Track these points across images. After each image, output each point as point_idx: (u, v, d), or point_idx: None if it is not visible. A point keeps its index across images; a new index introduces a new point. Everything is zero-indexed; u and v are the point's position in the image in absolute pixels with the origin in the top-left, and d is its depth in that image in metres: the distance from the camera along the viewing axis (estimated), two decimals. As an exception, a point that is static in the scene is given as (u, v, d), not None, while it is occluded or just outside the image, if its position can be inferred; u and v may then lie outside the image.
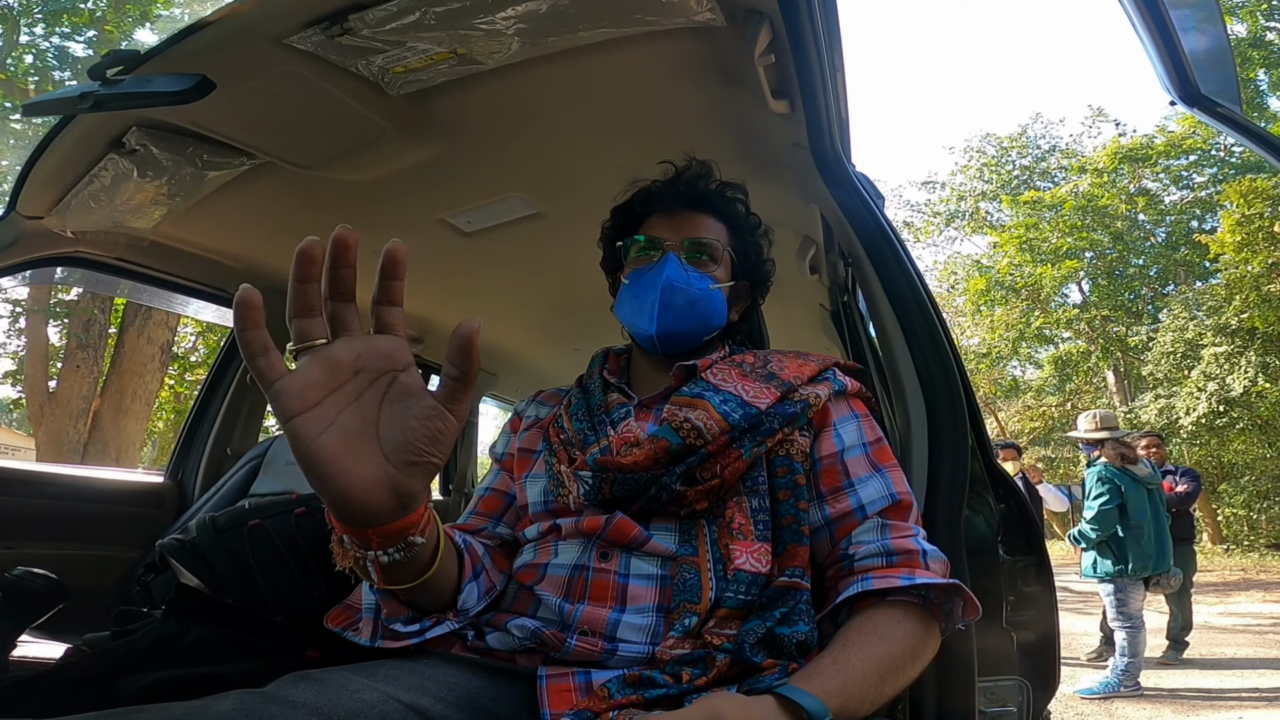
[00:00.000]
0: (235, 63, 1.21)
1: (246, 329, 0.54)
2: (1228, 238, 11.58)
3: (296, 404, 0.56)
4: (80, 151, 1.46)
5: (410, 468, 0.59)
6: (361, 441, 0.58)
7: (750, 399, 0.91)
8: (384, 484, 0.59)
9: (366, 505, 0.59)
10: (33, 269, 1.74)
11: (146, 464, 11.28)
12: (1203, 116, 0.98)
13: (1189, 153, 15.51)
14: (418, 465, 0.59)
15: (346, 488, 0.58)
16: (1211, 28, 1.02)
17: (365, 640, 0.82)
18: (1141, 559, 4.06)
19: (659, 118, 1.52)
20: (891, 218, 1.23)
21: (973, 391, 1.05)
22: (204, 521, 1.12)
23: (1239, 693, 4.08)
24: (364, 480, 0.58)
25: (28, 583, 1.10)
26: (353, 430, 0.58)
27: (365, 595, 0.85)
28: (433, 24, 1.11)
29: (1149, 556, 4.07)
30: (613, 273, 1.16)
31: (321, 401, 0.57)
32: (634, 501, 0.86)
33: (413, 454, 0.59)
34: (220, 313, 2.32)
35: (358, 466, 0.58)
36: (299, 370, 0.57)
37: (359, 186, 1.69)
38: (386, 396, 0.59)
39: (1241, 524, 12.85)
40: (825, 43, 1.16)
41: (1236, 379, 11.24)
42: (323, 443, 0.57)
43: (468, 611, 0.84)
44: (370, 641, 0.82)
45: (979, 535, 0.97)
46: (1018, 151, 18.76)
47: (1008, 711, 0.94)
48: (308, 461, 0.57)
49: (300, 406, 0.56)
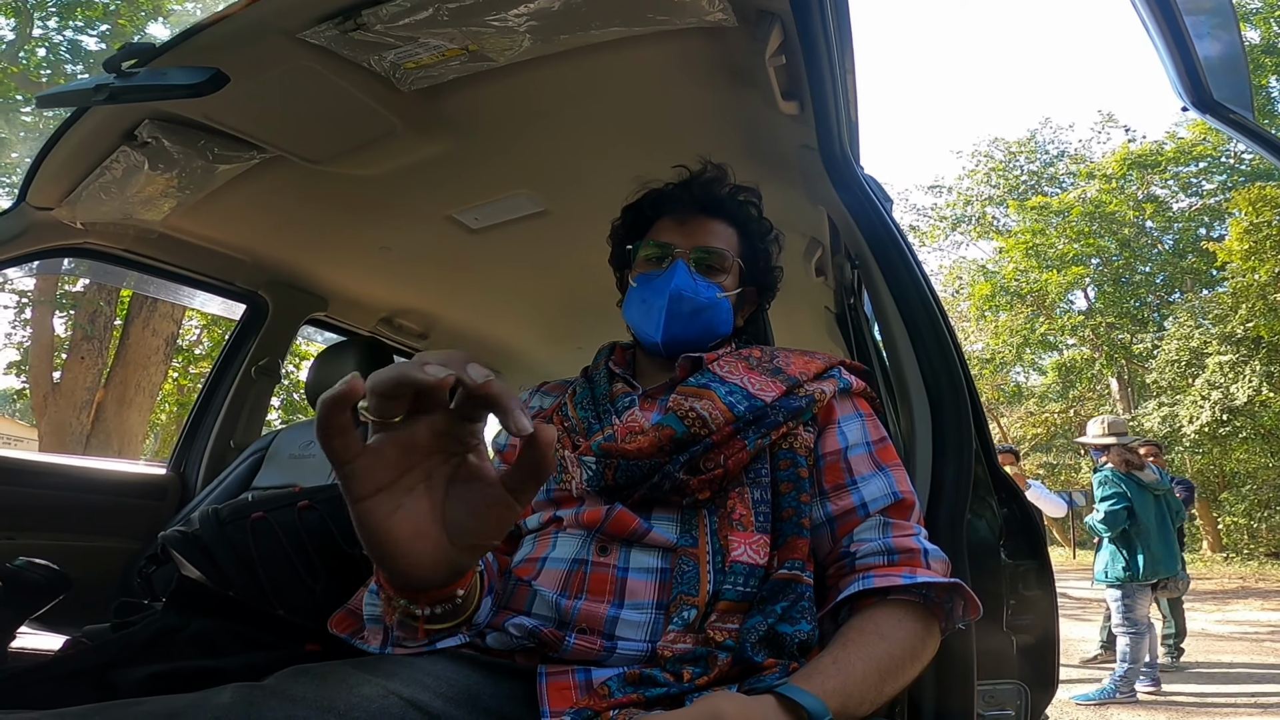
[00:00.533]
0: (248, 57, 1.21)
1: (335, 414, 0.50)
2: (1235, 245, 11.54)
3: (369, 487, 0.54)
4: (92, 143, 1.46)
5: (473, 550, 0.59)
6: (429, 525, 0.56)
7: (756, 391, 0.92)
8: (445, 564, 0.58)
9: (425, 581, 0.59)
10: (42, 259, 1.75)
11: (149, 456, 11.32)
12: (1214, 122, 0.97)
13: (1199, 159, 15.47)
14: (480, 549, 0.60)
15: (409, 569, 0.57)
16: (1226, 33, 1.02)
17: (375, 648, 0.81)
18: (1151, 564, 4.08)
19: (668, 117, 1.52)
20: (898, 221, 1.23)
21: (977, 395, 1.05)
22: (207, 514, 1.13)
23: (1235, 698, 4.08)
24: (426, 560, 0.57)
25: (29, 573, 1.10)
26: (421, 514, 0.56)
27: (368, 606, 0.83)
28: (445, 20, 1.12)
29: (1158, 561, 4.10)
30: (619, 269, 1.16)
31: (393, 484, 0.55)
32: (636, 489, 0.87)
33: (477, 539, 0.58)
34: (226, 305, 2.33)
35: (421, 549, 0.56)
36: (374, 450, 0.54)
37: (368, 182, 1.69)
38: (454, 477, 0.57)
39: (1242, 532, 12.82)
40: (836, 44, 1.16)
41: (1241, 388, 11.21)
42: (389, 526, 0.55)
43: (479, 625, 0.83)
44: (380, 649, 0.81)
45: (981, 538, 0.97)
46: (1026, 156, 18.73)
47: (1006, 715, 0.93)
48: (374, 543, 0.56)
49: (372, 489, 0.54)
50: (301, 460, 1.99)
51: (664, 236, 1.07)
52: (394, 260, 2.23)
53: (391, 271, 2.34)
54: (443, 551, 0.57)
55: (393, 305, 2.64)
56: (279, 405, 10.34)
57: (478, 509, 0.56)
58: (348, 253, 2.19)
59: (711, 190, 1.08)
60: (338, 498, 1.14)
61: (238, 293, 2.23)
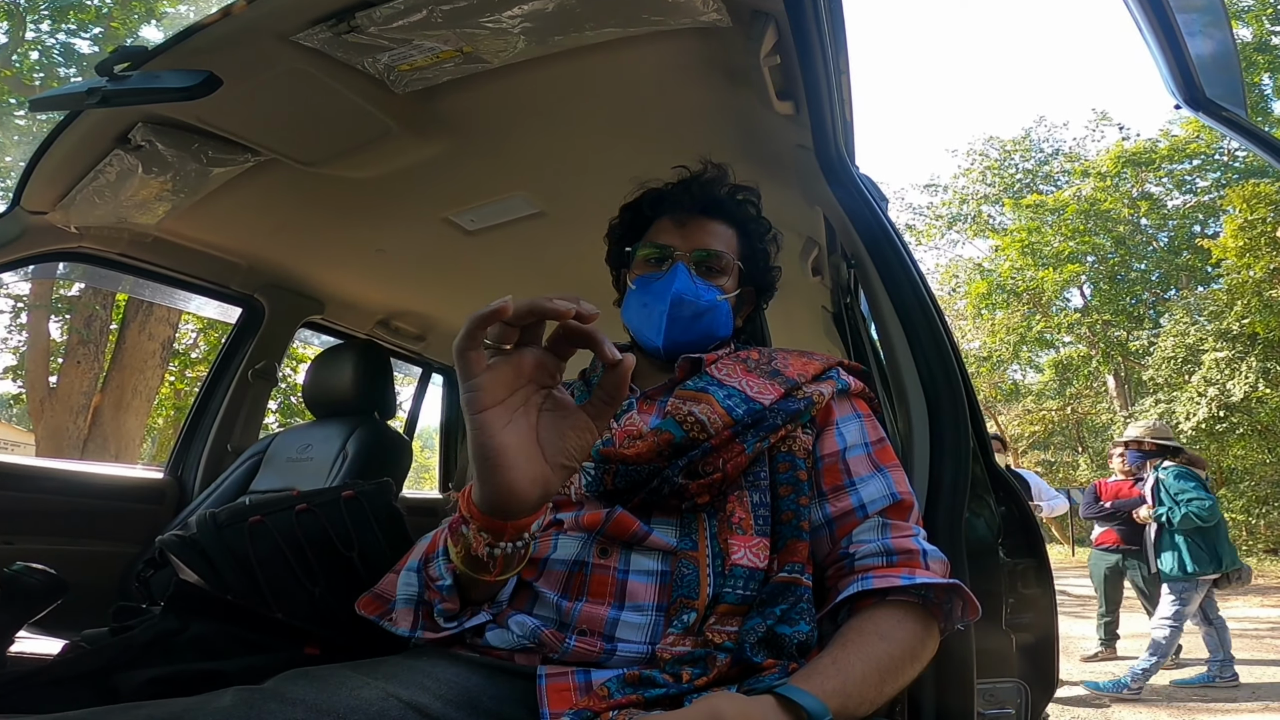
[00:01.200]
0: (242, 59, 1.21)
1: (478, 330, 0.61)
2: (1230, 243, 11.57)
3: (490, 400, 0.62)
4: (86, 147, 1.46)
5: (562, 470, 0.66)
6: (529, 442, 0.64)
7: (754, 394, 0.92)
8: (540, 481, 0.65)
9: (524, 499, 0.65)
10: (36, 264, 1.74)
11: (146, 460, 11.29)
12: (1207, 120, 0.98)
13: (1192, 157, 15.49)
14: (568, 469, 0.66)
15: (514, 481, 0.64)
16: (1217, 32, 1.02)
17: (405, 631, 0.83)
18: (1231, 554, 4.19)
19: (663, 118, 1.52)
20: (894, 220, 1.23)
21: (974, 394, 1.05)
22: (205, 517, 1.12)
23: (1235, 696, 4.09)
24: (527, 476, 0.64)
25: (26, 578, 1.09)
26: (524, 431, 0.64)
27: (403, 586, 0.86)
28: (439, 22, 1.12)
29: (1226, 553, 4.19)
30: (616, 268, 1.15)
31: (504, 402, 0.63)
32: (635, 494, 0.87)
33: (566, 459, 0.66)
34: (222, 309, 2.32)
35: (526, 464, 0.64)
36: (494, 370, 0.63)
37: (363, 184, 1.69)
38: (544, 406, 0.66)
39: (1240, 529, 12.82)
40: (831, 44, 1.16)
41: (1237, 384, 11.22)
42: (503, 438, 0.63)
43: (502, 602, 0.84)
44: (410, 632, 0.82)
45: (979, 537, 0.97)
46: (1021, 155, 18.74)
47: (1006, 713, 0.93)
48: (488, 452, 0.63)
49: (491, 402, 0.62)
50: (299, 463, 1.99)
51: (663, 238, 1.06)
52: (390, 263, 2.23)
53: (388, 274, 2.33)
54: (539, 467, 0.65)
55: (389, 308, 2.63)
56: (276, 408, 10.32)
57: (564, 432, 0.65)
58: (344, 255, 2.18)
59: (711, 191, 1.08)
60: (335, 501, 1.14)
61: (234, 296, 2.23)
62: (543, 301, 0.61)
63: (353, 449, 1.92)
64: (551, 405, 0.66)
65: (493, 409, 0.62)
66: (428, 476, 9.10)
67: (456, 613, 0.81)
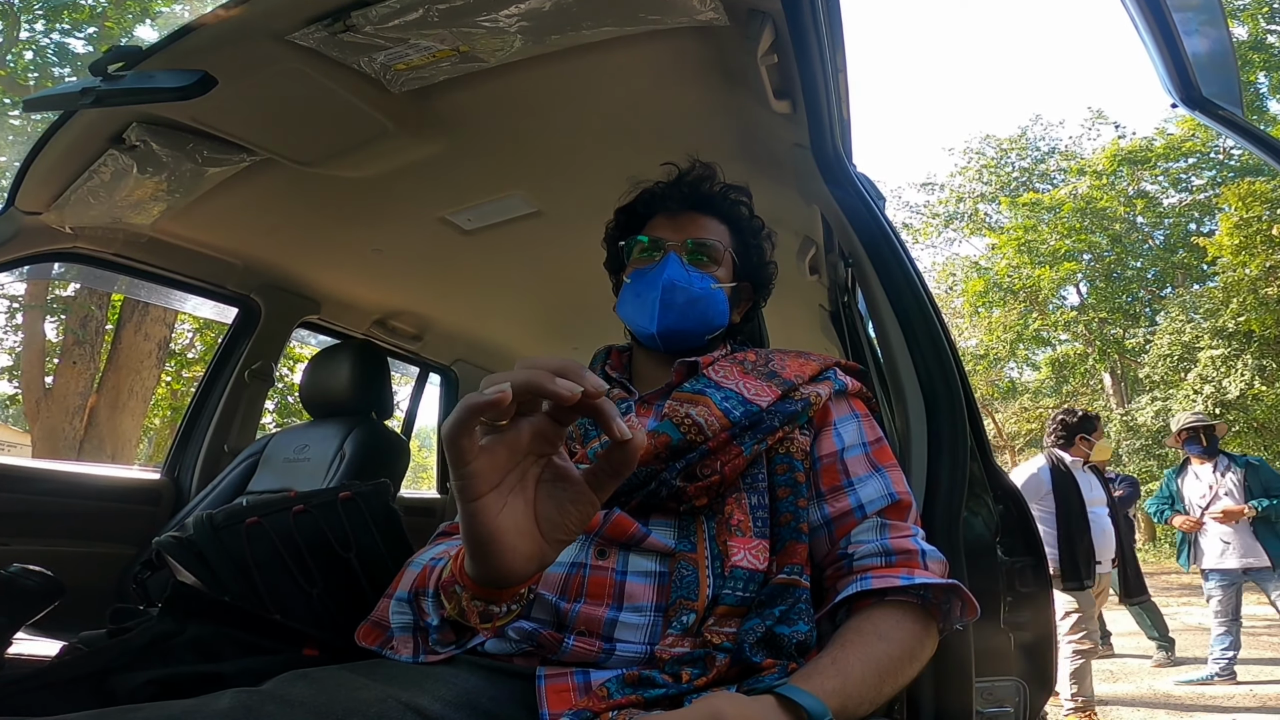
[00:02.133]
0: (237, 59, 1.21)
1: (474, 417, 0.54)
2: (1226, 241, 11.59)
3: (484, 486, 0.57)
4: (80, 147, 1.45)
5: (558, 544, 0.62)
6: (526, 521, 0.60)
7: (751, 396, 0.92)
8: (536, 558, 0.61)
9: (519, 576, 0.62)
10: (31, 264, 1.74)
11: (142, 461, 11.26)
12: (1204, 119, 0.98)
13: (1188, 155, 15.53)
14: (564, 542, 0.62)
15: (510, 564, 0.60)
16: (1214, 30, 1.03)
17: (408, 658, 0.82)
18: None
19: (660, 117, 1.52)
20: (891, 219, 1.23)
21: (972, 393, 1.05)
22: (201, 519, 1.12)
23: (1231, 693, 4.10)
24: (523, 556, 0.60)
25: (23, 580, 1.09)
26: (520, 511, 0.60)
27: (397, 615, 0.84)
28: (435, 21, 1.11)
29: None
30: (615, 273, 1.16)
31: (501, 483, 0.59)
32: (633, 496, 0.86)
33: (565, 534, 0.61)
34: (218, 309, 2.31)
35: (521, 544, 0.60)
36: (488, 451, 0.57)
37: (359, 184, 1.69)
38: (542, 477, 0.61)
39: (1236, 526, 12.86)
40: (828, 43, 1.16)
41: (1233, 382, 11.25)
42: (499, 522, 0.58)
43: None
44: (413, 659, 0.81)
45: (977, 536, 0.97)
46: (1017, 153, 18.75)
47: (1004, 711, 0.93)
48: (482, 539, 0.59)
49: (486, 489, 0.57)
50: (296, 464, 1.98)
51: (656, 232, 1.08)
52: (387, 262, 2.23)
53: (384, 274, 2.33)
54: (536, 545, 0.60)
55: (386, 307, 2.63)
56: (273, 409, 10.30)
57: (563, 505, 0.61)
58: (340, 255, 2.18)
59: (701, 187, 1.09)
60: (332, 502, 1.14)
61: (230, 296, 2.22)
62: (544, 381, 0.54)
63: (350, 449, 1.92)
64: (551, 475, 0.61)
65: (488, 495, 0.58)
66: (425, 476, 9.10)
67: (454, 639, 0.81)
